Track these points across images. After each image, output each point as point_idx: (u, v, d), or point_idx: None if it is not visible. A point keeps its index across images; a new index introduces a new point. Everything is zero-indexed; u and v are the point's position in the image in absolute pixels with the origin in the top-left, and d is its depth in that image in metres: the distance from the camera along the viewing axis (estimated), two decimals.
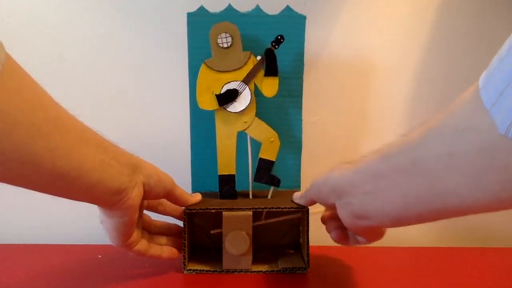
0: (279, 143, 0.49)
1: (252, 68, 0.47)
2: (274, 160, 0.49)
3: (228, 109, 0.48)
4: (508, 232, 0.61)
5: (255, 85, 0.48)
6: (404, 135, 0.29)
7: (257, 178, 0.49)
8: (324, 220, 0.45)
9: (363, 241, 0.40)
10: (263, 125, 0.49)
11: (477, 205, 0.25)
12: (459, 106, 0.25)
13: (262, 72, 0.47)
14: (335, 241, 0.42)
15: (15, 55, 0.28)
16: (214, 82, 0.47)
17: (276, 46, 0.47)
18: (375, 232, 0.39)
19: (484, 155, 0.22)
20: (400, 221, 0.31)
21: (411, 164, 0.27)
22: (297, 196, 0.45)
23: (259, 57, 0.47)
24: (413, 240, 0.59)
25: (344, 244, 0.42)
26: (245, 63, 0.47)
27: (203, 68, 0.47)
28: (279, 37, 0.46)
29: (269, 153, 0.49)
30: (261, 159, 0.49)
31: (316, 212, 0.46)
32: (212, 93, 0.47)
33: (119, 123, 0.58)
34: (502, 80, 0.21)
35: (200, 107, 0.48)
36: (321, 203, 0.41)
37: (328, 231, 0.43)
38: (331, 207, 0.42)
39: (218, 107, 0.47)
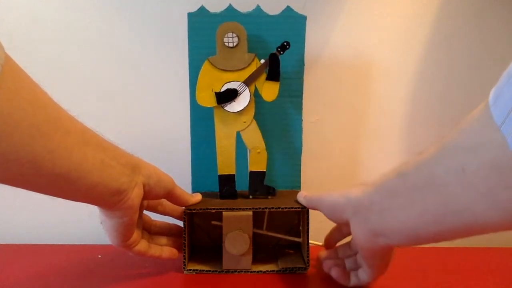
0: (266, 154, 0.49)
1: (255, 71, 0.47)
2: (265, 170, 0.49)
3: (226, 108, 0.47)
4: (508, 232, 0.60)
5: (255, 87, 0.48)
6: (420, 153, 0.30)
7: (252, 191, 0.49)
8: (322, 258, 0.45)
9: (364, 279, 0.40)
10: (258, 133, 0.48)
11: (491, 223, 0.25)
12: (471, 122, 0.25)
13: (264, 75, 0.47)
14: (335, 278, 0.42)
15: (14, 56, 0.28)
16: (215, 80, 0.47)
17: (281, 52, 0.47)
18: (385, 258, 0.38)
19: (495, 172, 0.22)
20: (417, 240, 0.31)
21: (426, 181, 0.28)
22: (301, 196, 0.45)
23: (262, 61, 0.47)
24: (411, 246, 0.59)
25: (344, 282, 0.42)
26: (249, 65, 0.47)
27: (206, 65, 0.47)
28: (285, 43, 0.46)
29: (258, 164, 0.49)
30: (251, 172, 0.49)
31: (314, 244, 0.47)
32: (212, 91, 0.47)
33: (119, 123, 0.58)
34: (511, 97, 0.21)
35: (198, 103, 0.48)
36: (331, 218, 0.40)
37: (327, 269, 0.43)
38: (340, 223, 0.42)
39: (216, 104, 0.47)
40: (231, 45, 0.47)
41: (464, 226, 0.26)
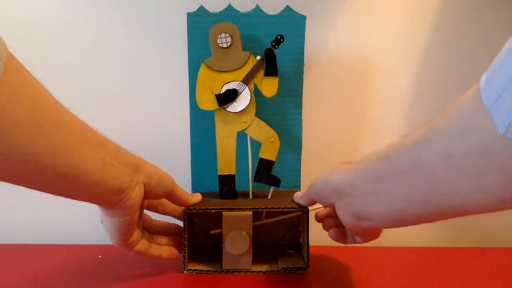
0: (279, 143, 0.49)
1: (252, 68, 0.47)
2: (274, 160, 0.49)
3: (227, 109, 0.48)
4: (508, 232, 0.61)
5: (254, 85, 0.48)
6: (405, 136, 0.29)
7: (257, 178, 0.49)
8: (319, 218, 0.45)
9: (360, 241, 0.40)
10: (263, 125, 0.49)
11: (477, 206, 0.25)
12: (460, 106, 0.25)
13: (262, 72, 0.47)
14: (333, 239, 0.43)
15: (15, 55, 0.28)
16: (214, 82, 0.47)
17: (276, 46, 0.47)
18: (373, 232, 0.39)
19: (483, 156, 0.22)
20: (401, 222, 0.31)
21: (412, 164, 0.27)
22: (297, 196, 0.45)
23: (258, 57, 0.47)
24: (413, 240, 0.59)
25: (342, 242, 0.42)
26: (245, 63, 0.47)
27: (203, 68, 0.47)
28: (278, 37, 0.46)
29: (269, 153, 0.49)
30: (261, 159, 0.49)
31: (315, 208, 0.46)
32: (212, 93, 0.47)
33: (119, 123, 0.58)
34: (502, 81, 0.21)
35: (200, 107, 0.48)
36: (321, 203, 0.41)
37: (325, 229, 0.44)
38: (331, 207, 0.42)
39: (218, 107, 0.47)
40: (225, 45, 0.47)
41: (449, 209, 0.26)
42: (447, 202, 0.26)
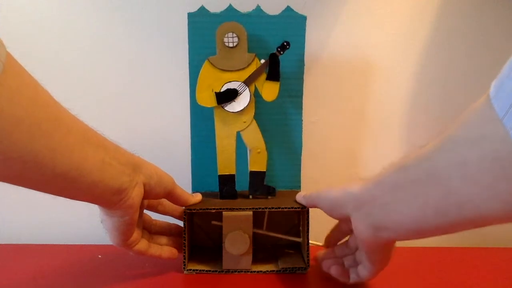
0: (266, 154, 0.49)
1: (255, 71, 0.47)
2: (265, 170, 0.49)
3: (226, 108, 0.47)
4: (508, 232, 0.61)
5: (255, 87, 0.48)
6: (421, 147, 0.29)
7: (252, 191, 0.49)
8: (319, 259, 0.45)
9: (364, 275, 0.40)
10: (258, 133, 0.48)
11: (493, 215, 0.25)
12: (472, 115, 0.25)
13: (264, 75, 0.47)
14: (335, 276, 0.42)
15: (14, 55, 0.28)
16: (215, 80, 0.47)
17: (281, 52, 0.47)
18: (386, 252, 0.38)
19: (496, 164, 0.22)
20: (419, 233, 0.31)
21: (427, 174, 0.28)
22: (300, 196, 0.45)
23: (262, 61, 0.47)
24: (412, 240, 0.59)
25: (344, 279, 0.42)
26: (249, 65, 0.47)
27: (206, 65, 0.47)
28: (285, 43, 0.46)
29: (258, 164, 0.49)
30: (252, 172, 0.49)
31: (313, 244, 0.47)
32: (212, 91, 0.47)
33: (119, 123, 0.58)
34: None
35: (199, 103, 0.48)
36: (331, 214, 0.40)
37: (326, 268, 0.43)
38: (340, 220, 0.42)
39: (217, 105, 0.47)
40: (231, 45, 0.47)
41: (466, 219, 0.26)
42: (464, 212, 0.26)
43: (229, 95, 0.47)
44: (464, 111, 0.26)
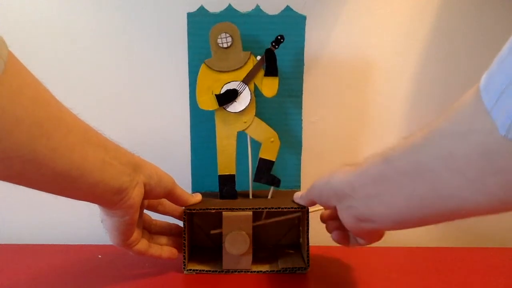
0: (279, 143, 0.49)
1: (252, 68, 0.47)
2: (274, 160, 0.49)
3: (228, 109, 0.48)
4: (508, 232, 0.61)
5: (255, 85, 0.48)
6: (406, 138, 0.29)
7: (257, 178, 0.49)
8: (323, 220, 0.45)
9: (363, 242, 0.40)
10: (263, 125, 0.49)
11: (479, 208, 0.25)
12: (461, 108, 0.25)
13: (262, 72, 0.47)
14: (336, 241, 0.42)
15: (15, 54, 0.28)
16: (214, 82, 0.47)
17: (276, 46, 0.47)
18: (376, 234, 0.39)
19: (484, 157, 0.22)
20: (403, 224, 0.31)
21: (413, 166, 0.27)
22: (297, 196, 0.45)
23: (259, 57, 0.47)
24: (413, 240, 0.59)
25: (344, 244, 0.42)
26: (245, 63, 0.47)
27: (203, 68, 0.47)
28: (279, 37, 0.46)
29: (269, 153, 0.49)
30: (261, 159, 0.49)
31: (315, 210, 0.46)
32: (212, 93, 0.47)
33: (119, 123, 0.58)
34: (502, 81, 0.21)
35: (201, 107, 0.48)
36: (322, 205, 0.41)
37: (329, 231, 0.43)
38: (332, 209, 0.42)
39: (218, 107, 0.47)
40: (225, 45, 0.47)
41: (451, 211, 0.26)
42: (449, 204, 0.26)
43: (230, 96, 0.47)
44: (452, 103, 0.26)
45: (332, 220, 0.43)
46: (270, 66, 0.47)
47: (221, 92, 0.47)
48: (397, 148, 0.30)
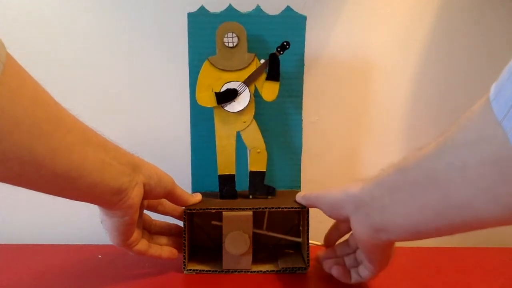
0: (266, 154, 0.49)
1: (255, 71, 0.47)
2: (265, 170, 0.49)
3: (226, 108, 0.47)
4: (508, 232, 0.61)
5: (255, 87, 0.48)
6: (420, 149, 0.29)
7: (252, 191, 0.49)
8: (320, 260, 0.45)
9: (366, 274, 0.40)
10: (257, 133, 0.48)
11: (491, 218, 0.25)
12: (472, 118, 0.25)
13: (264, 75, 0.47)
14: (336, 277, 0.42)
15: (15, 55, 0.28)
16: (215, 80, 0.47)
17: (281, 52, 0.47)
18: (386, 253, 0.38)
19: (495, 167, 0.22)
20: (418, 234, 0.31)
21: (426, 176, 0.28)
22: (299, 196, 0.45)
23: (262, 61, 0.47)
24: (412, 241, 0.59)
25: (345, 280, 0.42)
26: (248, 65, 0.47)
27: (206, 64, 0.47)
28: (285, 43, 0.46)
29: (258, 164, 0.49)
30: (251, 172, 0.49)
31: (314, 244, 0.47)
32: (212, 91, 0.47)
33: (119, 123, 0.58)
34: None
35: (198, 103, 0.48)
36: (331, 215, 0.40)
37: (327, 268, 0.43)
38: (339, 220, 0.43)
39: (216, 105, 0.47)
40: (231, 45, 0.47)
41: (465, 221, 0.27)
42: (463, 214, 0.26)
43: (229, 95, 0.47)
44: (463, 113, 0.26)
45: (328, 260, 0.44)
46: (273, 71, 0.47)
47: (221, 91, 0.47)
48: (410, 158, 0.30)
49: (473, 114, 0.25)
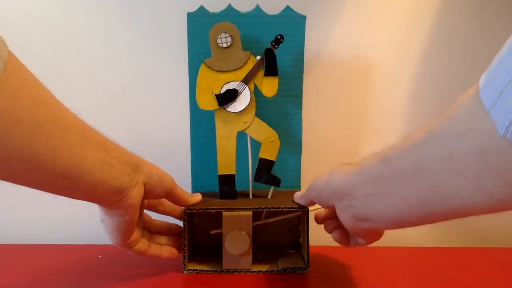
0: (279, 142, 0.49)
1: (252, 68, 0.47)
2: (274, 160, 0.49)
3: (228, 109, 0.48)
4: (508, 232, 0.61)
5: (255, 85, 0.48)
6: (404, 137, 0.29)
7: (257, 178, 0.49)
8: (319, 220, 0.45)
9: (363, 242, 0.40)
10: (263, 125, 0.49)
11: (477, 207, 0.25)
12: (460, 107, 0.25)
13: (262, 72, 0.47)
14: (337, 241, 0.42)
15: (15, 54, 0.28)
16: (214, 82, 0.47)
17: (276, 46, 0.47)
18: (375, 233, 0.39)
19: (483, 157, 0.22)
20: (403, 223, 0.31)
21: (412, 166, 0.27)
22: (297, 196, 0.45)
23: (258, 57, 0.47)
24: (413, 240, 0.59)
25: (345, 244, 0.42)
26: (245, 63, 0.47)
27: (202, 68, 0.47)
28: (278, 37, 0.46)
29: (269, 152, 0.49)
30: (261, 159, 0.49)
31: (315, 209, 0.46)
32: (212, 93, 0.47)
33: (119, 123, 0.58)
34: (501, 81, 0.21)
35: (200, 107, 0.48)
36: (321, 205, 0.41)
37: (328, 231, 0.43)
38: (330, 209, 0.42)
39: (218, 107, 0.47)
40: (225, 45, 0.47)
41: (450, 210, 0.26)
42: (448, 204, 0.26)
43: (230, 96, 0.47)
44: (451, 103, 0.26)
45: (330, 220, 0.43)
46: (270, 66, 0.47)
47: (221, 92, 0.47)
48: (396, 148, 0.30)
49: (461, 104, 0.25)
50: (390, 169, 0.30)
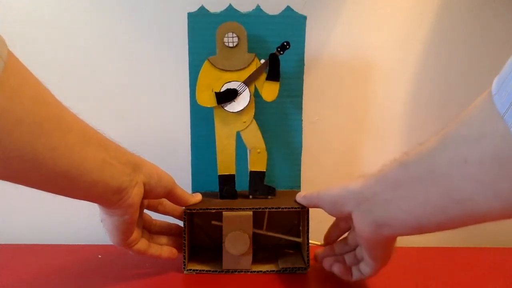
0: (266, 154, 0.49)
1: (255, 71, 0.47)
2: (265, 170, 0.49)
3: (226, 108, 0.47)
4: (508, 232, 0.61)
5: (255, 87, 0.48)
6: (421, 143, 0.29)
7: (252, 191, 0.49)
8: (318, 258, 0.45)
9: (368, 271, 0.40)
10: (258, 133, 0.48)
11: (493, 213, 0.25)
12: (473, 112, 0.25)
13: (264, 75, 0.47)
14: (338, 275, 0.42)
15: (15, 54, 0.28)
16: (215, 80, 0.47)
17: (281, 52, 0.47)
18: (388, 249, 0.38)
19: (497, 162, 0.22)
20: (421, 229, 0.31)
21: (428, 172, 0.28)
22: (300, 196, 0.45)
23: (262, 61, 0.47)
24: (413, 240, 0.59)
25: (347, 277, 0.42)
26: (249, 65, 0.47)
27: (206, 64, 0.47)
28: (285, 43, 0.46)
29: (258, 164, 0.49)
30: (252, 172, 0.49)
31: (314, 244, 0.47)
32: (212, 91, 0.47)
33: (119, 123, 0.58)
34: None
35: (199, 103, 0.48)
36: (332, 213, 0.40)
37: (328, 266, 0.43)
38: (339, 218, 0.42)
39: (216, 105, 0.47)
40: (231, 45, 0.47)
41: (466, 216, 0.27)
42: (465, 209, 0.26)
43: (229, 95, 0.47)
44: (465, 108, 0.26)
45: (328, 257, 0.44)
46: (273, 71, 0.47)
47: (221, 90, 0.47)
48: (412, 154, 0.30)
49: (474, 109, 0.25)
50: (406, 175, 0.30)
